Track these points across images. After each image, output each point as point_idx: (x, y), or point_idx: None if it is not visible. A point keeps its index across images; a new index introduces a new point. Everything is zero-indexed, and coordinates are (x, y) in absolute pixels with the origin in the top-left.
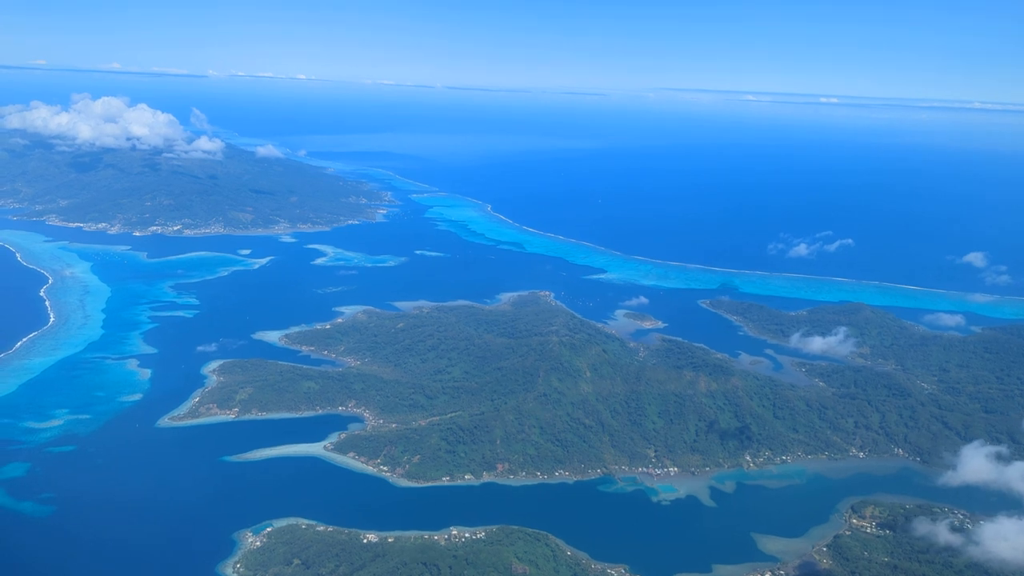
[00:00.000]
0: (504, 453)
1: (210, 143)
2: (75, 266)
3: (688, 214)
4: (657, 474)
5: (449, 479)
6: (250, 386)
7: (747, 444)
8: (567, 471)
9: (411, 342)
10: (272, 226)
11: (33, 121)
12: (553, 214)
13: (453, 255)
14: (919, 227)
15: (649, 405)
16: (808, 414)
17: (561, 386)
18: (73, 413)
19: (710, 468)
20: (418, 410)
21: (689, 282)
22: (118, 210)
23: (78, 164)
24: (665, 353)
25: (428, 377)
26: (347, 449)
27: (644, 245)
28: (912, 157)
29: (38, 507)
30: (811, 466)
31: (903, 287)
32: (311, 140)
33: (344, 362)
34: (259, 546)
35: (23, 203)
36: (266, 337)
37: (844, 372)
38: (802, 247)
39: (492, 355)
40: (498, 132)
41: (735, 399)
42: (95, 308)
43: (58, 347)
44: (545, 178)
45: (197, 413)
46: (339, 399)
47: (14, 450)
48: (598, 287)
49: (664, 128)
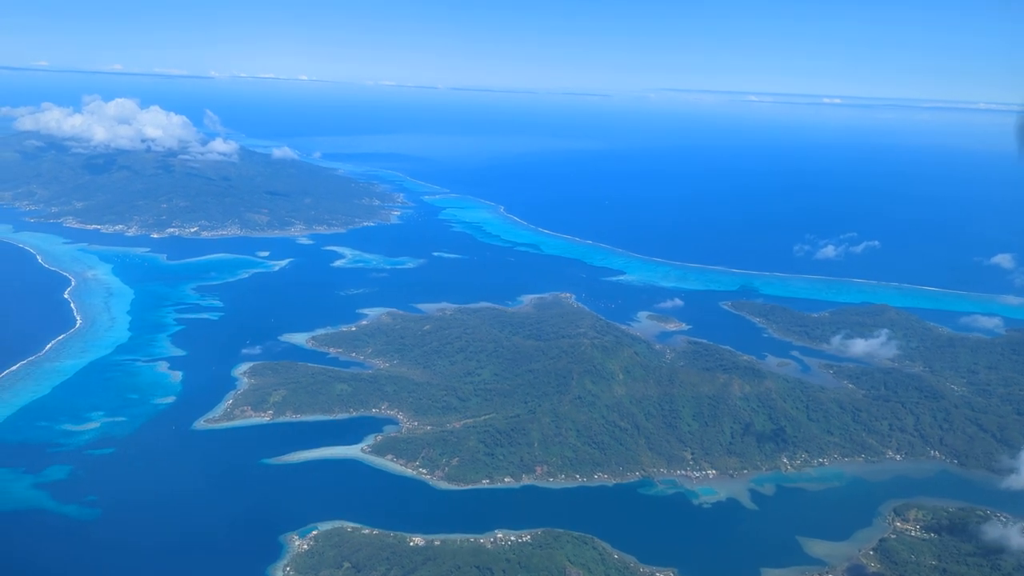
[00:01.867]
0: (542, 456)
1: (225, 145)
2: (96, 268)
3: (702, 215)
4: (696, 477)
5: (489, 482)
6: (283, 388)
7: (783, 446)
8: (606, 474)
9: (438, 344)
10: (288, 228)
11: (47, 123)
12: (566, 215)
13: (471, 257)
14: (937, 228)
15: (683, 407)
16: (842, 416)
17: (595, 388)
18: (109, 416)
19: (748, 471)
20: (451, 412)
21: (709, 284)
22: (134, 212)
23: (92, 166)
24: (692, 355)
25: (458, 379)
26: (385, 451)
27: (660, 247)
28: (922, 158)
29: (83, 510)
30: (848, 469)
31: (924, 288)
32: (318, 141)
33: (372, 364)
34: (307, 549)
35: (38, 205)
36: (293, 339)
37: (873, 374)
38: (821, 249)
39: (522, 357)
40: (504, 133)
41: (769, 401)
42: (120, 310)
43: (87, 349)
44: (554, 179)
45: (232, 415)
46: (372, 401)
47: (54, 452)
48: (618, 289)
49: (669, 129)
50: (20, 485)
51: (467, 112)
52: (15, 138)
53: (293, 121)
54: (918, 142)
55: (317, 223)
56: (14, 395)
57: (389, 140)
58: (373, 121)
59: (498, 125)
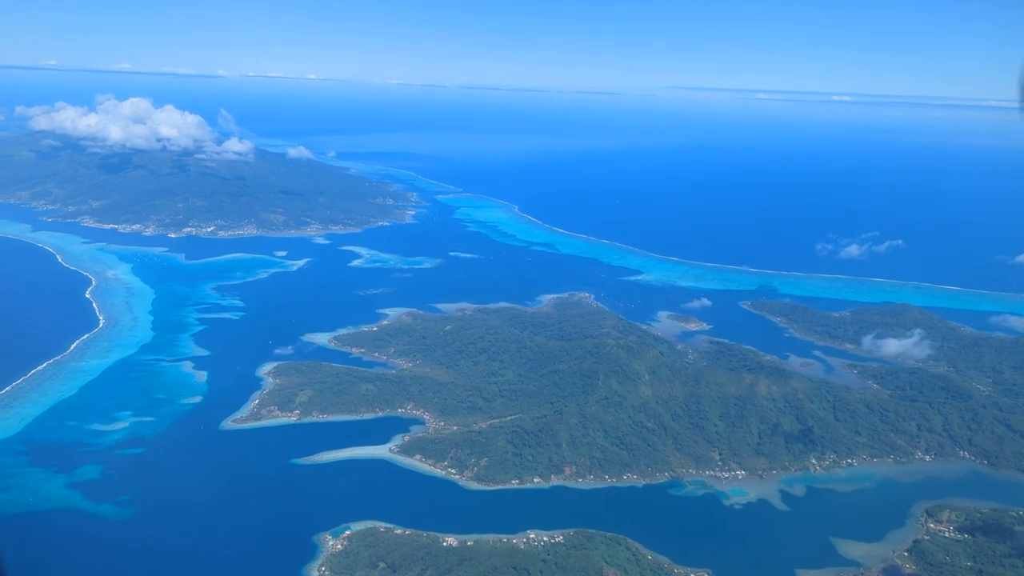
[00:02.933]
0: (570, 456)
1: (240, 144)
2: (116, 268)
3: (716, 214)
4: (725, 477)
5: (518, 482)
6: (309, 388)
7: (811, 447)
8: (634, 474)
9: (461, 344)
10: (304, 227)
11: (62, 122)
12: (580, 215)
13: (487, 256)
14: (956, 227)
15: (710, 408)
16: (870, 417)
17: (621, 389)
18: (137, 415)
19: (777, 471)
20: (477, 412)
21: (727, 283)
22: (151, 211)
23: (107, 165)
24: (715, 356)
25: (482, 379)
26: (413, 451)
27: (676, 246)
28: (935, 155)
29: (117, 509)
30: (878, 470)
31: (944, 288)
32: (328, 140)
33: (396, 364)
34: (341, 549)
35: (55, 204)
36: (315, 339)
37: (898, 374)
38: (839, 248)
39: (545, 358)
40: (514, 132)
41: (795, 402)
42: (142, 310)
43: (111, 349)
44: (566, 178)
45: (259, 415)
46: (397, 401)
47: (85, 452)
48: (637, 288)
49: (679, 127)
50: (54, 485)
51: (476, 110)
52: (30, 137)
53: (303, 120)
54: (930, 140)
55: (332, 223)
56: (42, 395)
57: (399, 139)
58: (382, 120)
59: (508, 124)
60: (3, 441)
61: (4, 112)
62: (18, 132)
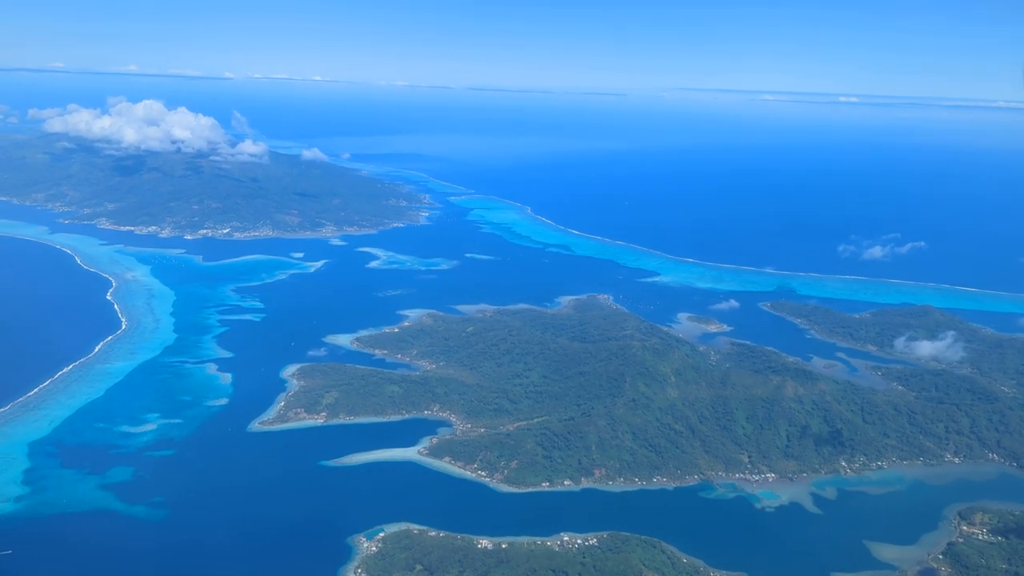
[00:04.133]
0: (600, 459)
1: (254, 146)
2: (135, 270)
3: (729, 216)
4: (755, 480)
5: (548, 484)
6: (334, 390)
7: (841, 450)
8: (664, 477)
9: (484, 346)
10: (319, 229)
11: (75, 125)
12: (593, 216)
13: (503, 258)
14: (973, 228)
15: (737, 410)
16: (898, 419)
17: (648, 391)
18: (165, 417)
19: (807, 474)
20: (504, 415)
21: (745, 284)
22: (167, 213)
23: (121, 167)
24: (738, 357)
25: (506, 381)
26: (442, 454)
27: (691, 247)
28: (946, 157)
29: (151, 511)
30: (908, 472)
31: (963, 289)
32: (338, 142)
33: (419, 366)
34: (376, 551)
35: (71, 206)
36: (337, 341)
37: (923, 376)
38: (856, 249)
39: (570, 359)
40: (522, 133)
41: (823, 404)
42: (163, 312)
43: (135, 351)
44: (577, 180)
45: (286, 418)
46: (423, 403)
47: (116, 454)
48: (654, 290)
49: (686, 128)
50: (87, 486)
51: (484, 112)
52: (43, 140)
53: (312, 122)
54: (941, 141)
55: (347, 224)
56: (69, 396)
57: (408, 140)
58: (390, 121)
59: (516, 125)
60: (34, 443)
61: (17, 114)
62: (32, 134)
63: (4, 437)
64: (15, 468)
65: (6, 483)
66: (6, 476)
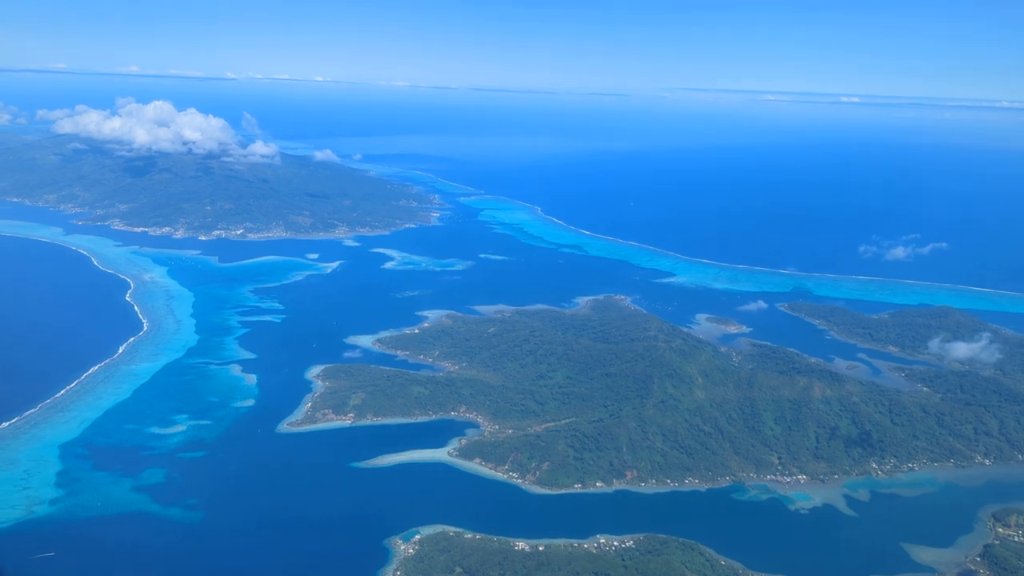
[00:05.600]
0: (631, 460)
1: (266, 147)
2: (152, 271)
3: (739, 216)
4: (786, 482)
5: (581, 486)
6: (360, 391)
7: (871, 451)
8: (696, 479)
9: (507, 347)
10: (332, 230)
11: (86, 126)
12: (603, 216)
13: (517, 258)
14: (984, 229)
15: (764, 411)
16: (926, 420)
17: (676, 392)
18: (194, 419)
19: (838, 476)
20: (531, 416)
21: (760, 285)
22: (180, 214)
23: (132, 168)
24: (760, 358)
25: (531, 382)
26: (472, 455)
27: (704, 248)
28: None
29: (186, 513)
30: (939, 474)
31: (978, 290)
32: (344, 142)
33: (442, 367)
34: (413, 554)
35: (83, 207)
36: (358, 341)
37: (947, 377)
38: (871, 250)
39: (594, 360)
40: (527, 134)
41: (851, 405)
42: (184, 313)
43: (159, 352)
44: (584, 180)
45: (314, 419)
46: (450, 404)
47: (147, 456)
48: (671, 291)
49: (689, 129)
50: (121, 488)
51: (487, 112)
52: (53, 141)
53: (315, 122)
54: (944, 141)
55: (360, 225)
56: (97, 398)
57: (413, 141)
58: (395, 122)
59: (520, 126)
60: (65, 445)
61: (26, 115)
62: (42, 135)
63: (35, 439)
64: (48, 470)
65: (41, 486)
66: (40, 479)
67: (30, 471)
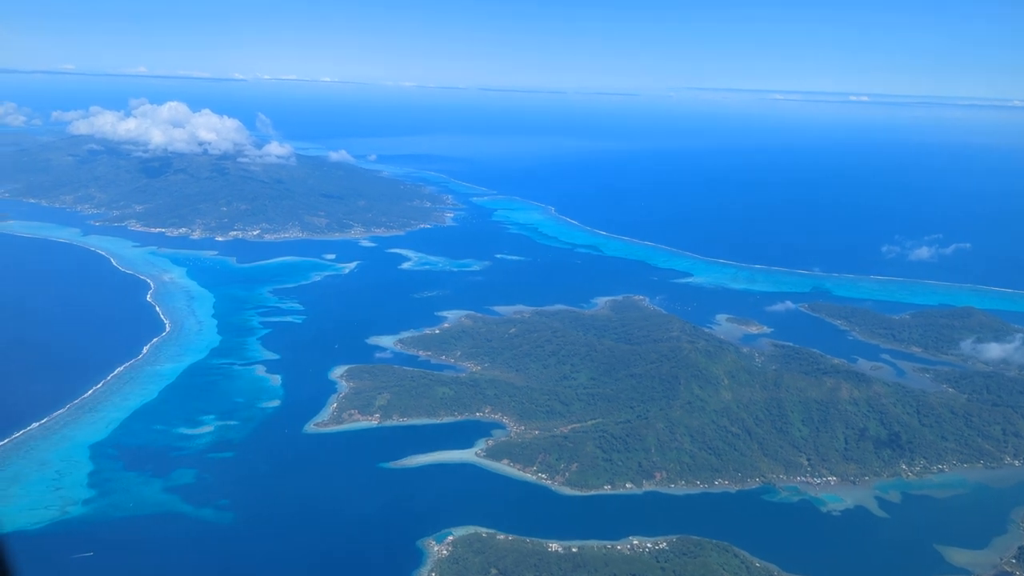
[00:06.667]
0: (660, 462)
1: (281, 148)
2: (171, 271)
3: (754, 216)
4: (816, 483)
5: (610, 487)
6: (386, 392)
7: (901, 452)
8: (726, 480)
9: (529, 347)
10: (348, 230)
11: (101, 127)
12: (617, 216)
13: (533, 259)
14: (1004, 228)
15: (792, 412)
16: (954, 421)
17: (703, 393)
18: (221, 419)
19: (868, 477)
20: (556, 417)
21: (778, 285)
22: (196, 215)
23: (148, 169)
24: (783, 359)
25: (555, 383)
26: (500, 456)
27: (720, 248)
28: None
29: (218, 514)
30: (969, 475)
31: (999, 290)
32: (355, 142)
33: (464, 367)
34: (447, 555)
35: (99, 208)
36: (380, 342)
37: (973, 378)
38: (891, 249)
39: (618, 361)
40: (536, 134)
41: (879, 406)
42: (205, 314)
43: (183, 353)
44: (596, 179)
45: (341, 419)
46: (475, 405)
47: (177, 456)
48: (689, 291)
49: (698, 128)
50: (153, 489)
51: (497, 112)
52: (69, 142)
53: (325, 123)
54: (959, 139)
55: (375, 225)
56: (124, 398)
57: (423, 141)
58: (404, 122)
59: (529, 125)
60: (95, 445)
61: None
62: (57, 136)
63: (65, 440)
64: (80, 471)
65: (73, 486)
66: (72, 479)
67: (62, 472)
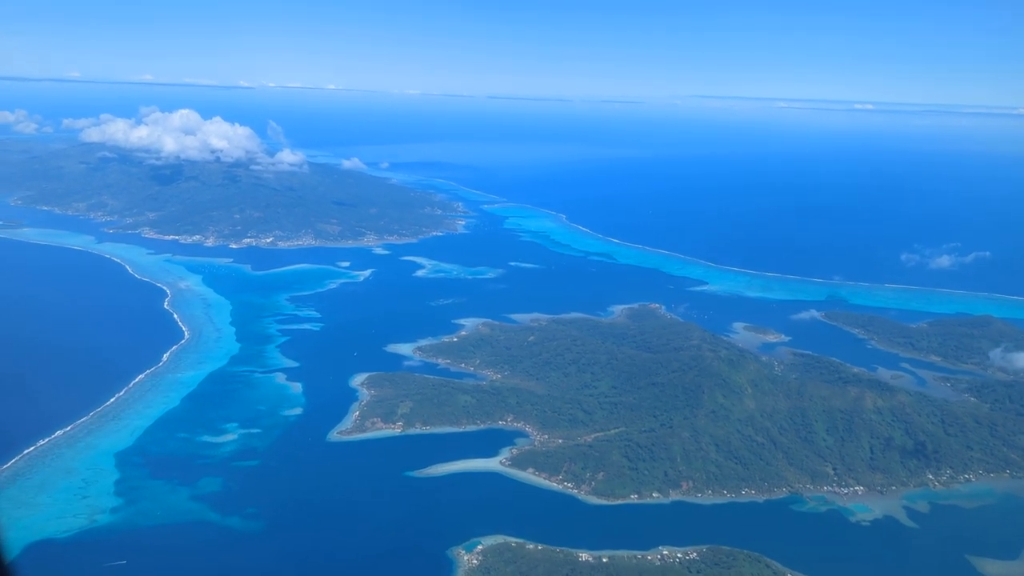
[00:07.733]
0: (686, 471)
1: (293, 156)
2: (187, 279)
3: (766, 224)
4: (844, 493)
5: (637, 497)
6: (408, 400)
7: (927, 462)
8: (753, 489)
9: (548, 356)
10: (361, 238)
11: (112, 134)
12: (628, 224)
13: (547, 267)
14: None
15: (816, 421)
16: (979, 431)
17: (726, 402)
18: (244, 427)
19: (896, 487)
20: (579, 425)
21: (794, 293)
22: (209, 222)
23: (159, 177)
24: (804, 368)
25: (577, 392)
26: (525, 465)
27: (734, 256)
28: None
29: (247, 523)
30: (996, 485)
31: (1017, 299)
32: (361, 150)
33: (484, 375)
34: (477, 565)
35: (112, 216)
36: (398, 350)
37: (995, 387)
38: (913, 258)
39: (639, 370)
40: (543, 141)
41: (904, 416)
42: (223, 321)
43: (203, 361)
44: (605, 187)
45: (364, 427)
46: (497, 413)
47: (202, 465)
48: (704, 299)
49: (704, 136)
50: (180, 497)
51: (504, 120)
52: (81, 149)
53: (333, 130)
54: (967, 148)
55: (387, 233)
56: (146, 406)
57: (431, 149)
58: (412, 129)
59: (537, 133)
60: (120, 453)
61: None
62: (68, 144)
63: (90, 448)
64: (106, 479)
65: (100, 495)
66: (99, 487)
67: (88, 480)
